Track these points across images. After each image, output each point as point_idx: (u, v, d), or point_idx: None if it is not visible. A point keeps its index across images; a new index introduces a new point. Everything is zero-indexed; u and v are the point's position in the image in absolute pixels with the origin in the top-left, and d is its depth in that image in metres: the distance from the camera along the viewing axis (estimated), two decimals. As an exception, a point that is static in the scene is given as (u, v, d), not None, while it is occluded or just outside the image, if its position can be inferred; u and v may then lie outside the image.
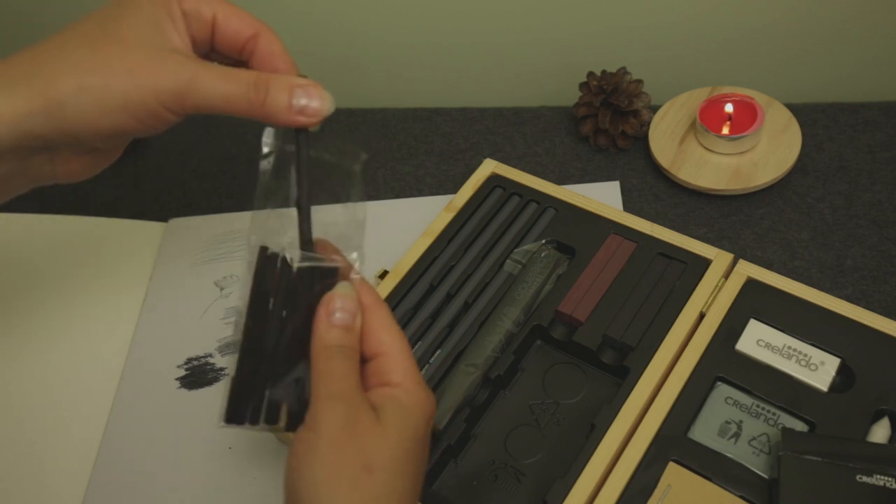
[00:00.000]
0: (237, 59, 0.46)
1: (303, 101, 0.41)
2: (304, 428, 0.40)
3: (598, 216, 0.66)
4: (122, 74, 0.40)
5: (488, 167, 0.71)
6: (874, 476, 0.47)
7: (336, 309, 0.42)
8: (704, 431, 0.53)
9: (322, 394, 0.40)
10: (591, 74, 0.79)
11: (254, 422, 0.42)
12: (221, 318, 0.70)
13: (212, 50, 0.46)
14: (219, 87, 0.41)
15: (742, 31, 0.83)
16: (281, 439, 0.61)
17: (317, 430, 0.39)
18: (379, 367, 0.42)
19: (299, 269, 0.43)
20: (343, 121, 0.86)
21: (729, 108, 0.74)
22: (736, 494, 0.50)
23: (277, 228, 0.44)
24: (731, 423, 0.53)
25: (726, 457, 0.52)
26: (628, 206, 0.73)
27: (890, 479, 0.47)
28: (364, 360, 0.43)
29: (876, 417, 0.52)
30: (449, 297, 0.63)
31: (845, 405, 0.53)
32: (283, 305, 0.43)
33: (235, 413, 0.42)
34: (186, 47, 0.43)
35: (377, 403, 0.41)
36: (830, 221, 0.70)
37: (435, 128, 0.84)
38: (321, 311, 0.42)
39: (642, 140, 0.78)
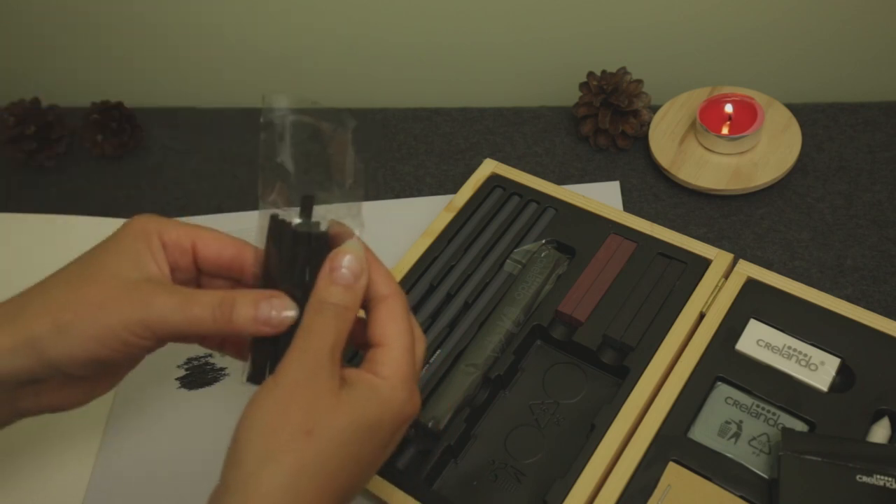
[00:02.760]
0: (229, 277, 0.48)
1: (266, 314, 0.42)
2: (271, 374, 0.41)
3: (598, 216, 0.66)
4: (93, 309, 0.43)
5: (488, 167, 0.71)
6: (874, 476, 0.47)
7: (340, 265, 0.42)
8: (704, 431, 0.53)
9: (297, 345, 0.41)
10: (591, 74, 0.79)
11: None
12: (221, 318, 0.70)
13: (201, 273, 0.48)
14: (183, 313, 0.43)
15: (742, 31, 0.83)
16: None
17: (276, 377, 0.40)
18: (375, 356, 0.43)
19: (305, 234, 0.43)
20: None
21: (729, 108, 0.74)
22: (736, 494, 0.50)
23: (285, 197, 0.45)
24: (731, 423, 0.53)
25: (726, 457, 0.52)
26: (628, 206, 0.73)
27: (890, 479, 0.47)
28: (368, 347, 0.43)
29: (876, 417, 0.52)
30: (449, 297, 0.63)
31: (845, 405, 0.53)
32: (293, 269, 0.43)
33: (256, 374, 0.44)
34: (164, 276, 0.45)
35: (352, 380, 0.41)
36: (830, 221, 0.70)
37: (435, 128, 0.84)
38: (326, 266, 0.42)
39: (642, 140, 0.78)
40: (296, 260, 0.43)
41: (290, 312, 0.42)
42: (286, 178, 0.45)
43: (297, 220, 0.44)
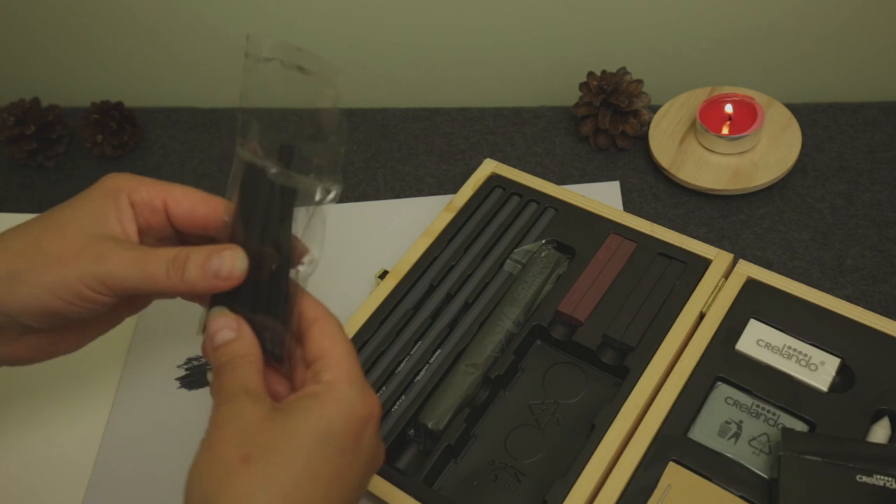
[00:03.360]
0: (205, 236, 0.47)
1: (215, 266, 0.42)
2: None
3: (598, 216, 0.66)
4: (48, 260, 0.43)
5: (488, 167, 0.71)
6: (874, 476, 0.47)
7: (214, 333, 0.43)
8: (704, 431, 0.53)
9: (215, 400, 0.41)
10: (591, 74, 0.79)
11: None
12: (221, 318, 0.70)
13: (177, 232, 0.48)
14: (139, 269, 0.43)
15: (742, 31, 0.83)
16: None
17: (209, 428, 0.40)
18: (314, 369, 0.42)
19: (279, 186, 0.43)
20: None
21: (729, 108, 0.74)
22: (736, 494, 0.50)
23: (263, 146, 0.44)
24: (731, 423, 0.53)
25: (726, 457, 0.52)
26: (628, 206, 0.73)
27: (890, 479, 0.47)
28: (307, 365, 0.43)
29: (876, 417, 0.52)
30: (449, 297, 0.63)
31: (845, 405, 0.53)
32: (264, 220, 0.43)
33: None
34: (126, 234, 0.45)
35: (292, 399, 0.41)
36: (830, 221, 0.70)
37: (435, 128, 0.84)
38: (207, 344, 0.43)
39: (642, 140, 0.78)
40: (266, 211, 0.42)
41: (240, 265, 0.42)
42: (267, 125, 0.43)
43: (273, 170, 0.43)
